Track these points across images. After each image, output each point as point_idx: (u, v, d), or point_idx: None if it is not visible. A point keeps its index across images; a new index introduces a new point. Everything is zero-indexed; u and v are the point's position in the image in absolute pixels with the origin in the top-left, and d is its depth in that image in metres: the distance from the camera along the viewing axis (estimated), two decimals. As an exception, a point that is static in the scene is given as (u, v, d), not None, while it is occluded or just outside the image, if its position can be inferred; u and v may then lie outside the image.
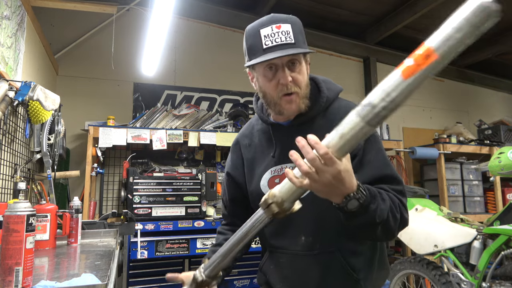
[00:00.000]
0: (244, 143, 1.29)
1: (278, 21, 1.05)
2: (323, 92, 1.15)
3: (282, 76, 1.04)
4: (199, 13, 4.33)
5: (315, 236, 1.12)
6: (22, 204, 0.99)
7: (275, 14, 1.08)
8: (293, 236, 1.15)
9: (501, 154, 2.61)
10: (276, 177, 1.17)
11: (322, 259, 1.11)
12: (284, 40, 1.03)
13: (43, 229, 1.66)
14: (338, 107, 1.15)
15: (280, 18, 1.06)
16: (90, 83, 3.86)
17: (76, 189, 3.61)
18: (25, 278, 0.95)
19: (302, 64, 1.08)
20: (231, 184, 1.31)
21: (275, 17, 1.07)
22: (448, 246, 2.59)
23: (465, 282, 2.47)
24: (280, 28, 1.04)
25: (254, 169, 1.23)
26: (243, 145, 1.28)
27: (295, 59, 1.05)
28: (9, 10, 2.21)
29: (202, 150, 3.95)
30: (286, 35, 1.03)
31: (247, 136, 1.29)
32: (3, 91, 1.89)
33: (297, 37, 1.04)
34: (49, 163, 2.44)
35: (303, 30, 1.09)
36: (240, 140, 1.31)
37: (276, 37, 1.03)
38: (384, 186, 1.03)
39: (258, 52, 1.05)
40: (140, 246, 2.88)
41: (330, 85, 1.19)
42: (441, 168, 4.43)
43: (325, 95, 1.15)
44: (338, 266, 1.10)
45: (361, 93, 5.26)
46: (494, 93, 6.56)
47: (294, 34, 1.04)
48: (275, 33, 1.04)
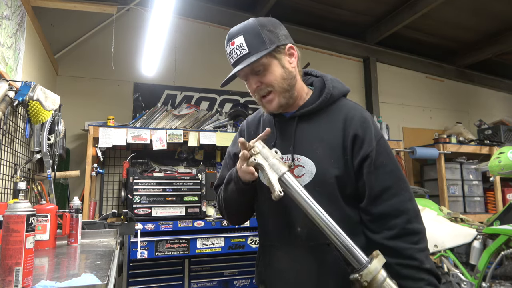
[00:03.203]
0: (249, 130, 1.32)
1: (231, 37, 1.12)
2: (328, 88, 1.17)
3: (249, 86, 1.16)
4: (199, 13, 4.33)
5: (310, 227, 1.11)
6: (22, 204, 0.99)
7: (231, 29, 1.14)
8: (288, 227, 1.15)
9: (501, 154, 2.61)
10: None
11: (317, 252, 1.11)
12: (240, 54, 1.10)
13: (43, 229, 1.66)
14: (343, 107, 1.17)
15: (232, 34, 1.12)
16: (90, 83, 3.86)
17: (76, 189, 3.61)
18: (25, 278, 0.95)
19: (267, 63, 1.10)
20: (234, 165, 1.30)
21: (230, 34, 1.13)
22: (448, 246, 2.59)
23: (465, 282, 2.47)
24: (234, 44, 1.11)
25: None
26: (248, 132, 1.32)
27: (255, 66, 1.10)
28: (9, 10, 2.21)
29: (202, 150, 3.96)
30: (239, 49, 1.10)
31: (253, 123, 1.32)
32: (3, 91, 1.89)
33: (250, 44, 1.09)
34: (49, 163, 2.44)
35: (260, 31, 1.10)
36: (245, 128, 1.34)
37: (233, 54, 1.12)
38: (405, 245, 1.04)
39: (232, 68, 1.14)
40: (140, 246, 2.88)
41: (336, 83, 1.21)
42: (441, 168, 4.43)
43: (329, 92, 1.16)
44: (333, 259, 1.09)
45: (361, 93, 5.27)
46: (494, 93, 6.56)
47: (247, 43, 1.09)
48: (232, 50, 1.12)
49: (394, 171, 1.09)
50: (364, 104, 5.22)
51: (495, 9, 4.56)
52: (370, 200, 1.09)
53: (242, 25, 1.12)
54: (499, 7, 4.52)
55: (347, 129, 1.11)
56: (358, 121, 1.12)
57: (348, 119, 1.13)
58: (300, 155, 1.14)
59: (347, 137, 1.11)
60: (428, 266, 1.03)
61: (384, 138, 1.14)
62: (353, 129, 1.11)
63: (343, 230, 1.02)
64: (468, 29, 5.11)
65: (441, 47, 5.65)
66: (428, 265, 1.03)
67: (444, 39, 5.42)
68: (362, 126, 1.11)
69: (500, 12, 4.65)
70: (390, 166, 1.09)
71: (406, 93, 5.58)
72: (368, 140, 1.09)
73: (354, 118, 1.13)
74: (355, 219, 1.13)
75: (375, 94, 5.17)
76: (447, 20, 4.83)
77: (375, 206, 1.08)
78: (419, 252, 1.04)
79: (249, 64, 1.07)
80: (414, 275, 1.02)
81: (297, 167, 1.14)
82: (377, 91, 5.21)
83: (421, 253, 1.04)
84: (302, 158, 1.14)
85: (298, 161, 1.14)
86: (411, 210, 1.07)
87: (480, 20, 4.85)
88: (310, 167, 1.11)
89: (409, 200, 1.08)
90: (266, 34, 1.11)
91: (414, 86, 5.68)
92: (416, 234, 1.06)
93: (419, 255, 1.03)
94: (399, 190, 1.08)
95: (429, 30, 5.10)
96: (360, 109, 1.18)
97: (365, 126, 1.11)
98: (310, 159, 1.12)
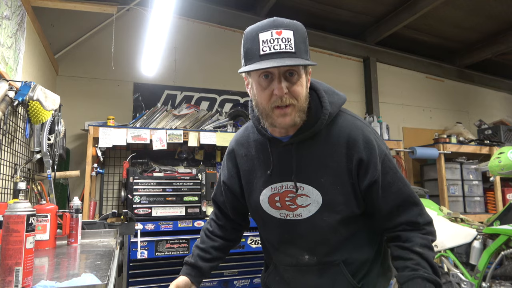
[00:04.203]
0: (240, 152, 1.22)
1: (279, 26, 0.96)
2: (325, 108, 1.06)
3: (277, 87, 0.97)
4: (199, 13, 4.33)
5: (318, 254, 1.12)
6: (22, 204, 0.99)
7: (278, 18, 0.99)
8: (295, 254, 1.15)
9: (501, 154, 2.61)
10: (276, 195, 1.13)
11: (327, 272, 1.12)
12: (284, 48, 0.95)
13: (43, 229, 1.66)
14: (343, 126, 1.08)
15: (282, 23, 0.97)
16: (90, 83, 3.86)
17: (76, 189, 3.61)
18: (25, 278, 0.95)
19: (302, 75, 1.00)
20: (227, 193, 1.28)
21: (277, 22, 0.98)
22: (448, 246, 2.59)
23: (465, 282, 2.47)
24: (280, 34, 0.95)
25: (252, 181, 1.19)
26: (239, 155, 1.22)
27: (294, 70, 0.98)
28: (9, 10, 2.21)
29: (202, 150, 3.95)
30: (286, 43, 0.95)
31: (243, 145, 1.22)
32: (3, 91, 1.89)
33: (298, 46, 0.96)
34: (49, 163, 2.44)
35: (306, 39, 1.02)
36: (235, 149, 1.24)
37: (275, 43, 0.95)
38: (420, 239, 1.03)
39: (254, 58, 0.97)
40: (140, 246, 2.88)
41: (333, 97, 1.10)
42: (441, 168, 4.43)
43: (327, 111, 1.05)
44: (342, 277, 1.11)
45: (361, 93, 5.27)
46: (494, 93, 6.56)
47: (296, 42, 0.96)
48: (274, 39, 0.95)
49: (401, 189, 1.06)
50: (364, 104, 5.23)
51: (495, 9, 4.56)
52: (382, 221, 1.09)
53: (291, 21, 1.00)
54: (499, 7, 4.52)
55: (350, 153, 1.05)
56: (362, 143, 1.05)
57: (351, 141, 1.05)
58: (304, 184, 1.08)
59: (351, 161, 1.05)
60: (420, 250, 1.01)
61: (388, 155, 1.09)
62: (357, 152, 1.04)
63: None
64: (468, 29, 5.11)
65: (441, 47, 5.65)
66: (420, 250, 1.01)
67: (444, 39, 5.42)
68: (366, 149, 1.05)
69: (500, 12, 4.65)
70: (397, 185, 1.06)
71: (406, 93, 5.58)
72: (374, 164, 1.04)
73: (357, 140, 1.05)
74: (365, 233, 1.15)
75: (375, 94, 5.17)
76: (447, 20, 4.83)
77: (387, 224, 1.09)
78: (430, 241, 1.05)
79: (297, 64, 0.95)
80: (404, 255, 1.02)
81: (301, 196, 1.08)
82: (377, 91, 5.21)
83: (431, 240, 1.05)
84: (306, 187, 1.08)
85: (301, 190, 1.08)
86: (421, 224, 1.06)
87: (480, 20, 4.85)
88: (316, 196, 1.07)
89: (419, 215, 1.06)
90: (307, 44, 1.02)
91: (414, 86, 5.68)
92: (430, 234, 1.06)
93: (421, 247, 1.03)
94: (409, 207, 1.07)
95: (429, 30, 5.10)
96: (361, 126, 1.09)
97: (369, 148, 1.05)
98: (315, 188, 1.07)
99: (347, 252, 1.11)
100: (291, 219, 1.11)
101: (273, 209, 1.14)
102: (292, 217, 1.11)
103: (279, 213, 1.13)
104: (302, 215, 1.09)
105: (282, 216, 1.13)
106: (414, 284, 0.96)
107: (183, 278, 1.20)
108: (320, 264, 1.12)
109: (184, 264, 1.25)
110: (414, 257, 1.00)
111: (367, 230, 1.15)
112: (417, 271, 0.98)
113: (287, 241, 1.15)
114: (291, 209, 1.10)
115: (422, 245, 1.02)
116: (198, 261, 1.24)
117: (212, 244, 1.28)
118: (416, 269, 0.98)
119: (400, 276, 1.01)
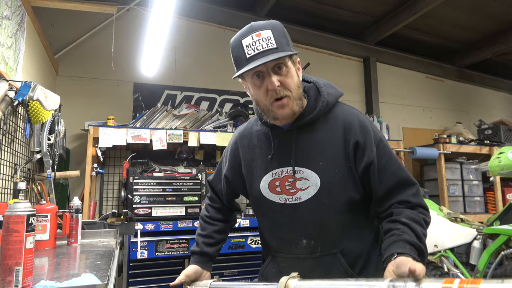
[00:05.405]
0: (243, 143, 1.28)
1: (257, 29, 1.06)
2: (323, 96, 1.15)
3: (269, 82, 1.05)
4: (199, 13, 4.33)
5: (316, 239, 1.13)
6: (22, 204, 0.99)
7: (254, 22, 1.08)
8: (294, 239, 1.16)
9: (501, 154, 2.61)
10: (276, 180, 1.17)
11: (324, 262, 1.13)
12: (266, 47, 1.03)
13: (43, 229, 1.66)
14: (339, 113, 1.16)
15: (259, 26, 1.07)
16: (90, 83, 3.86)
17: (76, 189, 3.61)
18: (25, 278, 0.95)
19: (290, 66, 1.08)
20: (227, 184, 1.33)
21: (254, 26, 1.07)
22: (448, 246, 2.59)
23: (465, 282, 2.47)
24: (260, 36, 1.04)
25: (253, 170, 1.23)
26: (242, 144, 1.28)
27: (281, 63, 1.05)
28: (9, 10, 2.21)
29: (202, 150, 3.96)
30: (267, 41, 1.04)
31: (246, 136, 1.28)
32: (3, 91, 1.89)
33: (279, 41, 1.04)
34: (49, 163, 2.44)
35: (286, 33, 1.09)
36: (238, 140, 1.30)
37: (257, 45, 1.04)
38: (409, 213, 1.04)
39: (242, 63, 1.06)
40: (140, 246, 2.88)
41: (330, 89, 1.19)
42: (441, 168, 4.43)
43: (325, 99, 1.14)
44: (340, 268, 1.11)
45: (361, 93, 5.27)
46: (494, 93, 6.56)
47: (276, 39, 1.04)
48: (255, 41, 1.04)
49: (396, 172, 1.10)
50: (364, 104, 5.23)
51: (495, 9, 4.57)
52: (377, 203, 1.12)
53: (267, 21, 1.09)
54: (499, 7, 4.52)
55: (347, 136, 1.11)
56: (358, 127, 1.12)
57: (347, 125, 1.12)
58: (303, 168, 1.13)
59: (348, 145, 1.11)
60: (407, 221, 1.01)
61: (382, 140, 1.14)
62: (353, 136, 1.10)
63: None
64: (468, 29, 5.11)
65: (441, 47, 5.65)
66: (408, 221, 1.01)
67: (444, 39, 5.43)
68: (361, 132, 1.11)
69: (500, 12, 4.65)
70: (392, 168, 1.10)
71: (406, 93, 5.58)
72: (369, 146, 1.10)
73: (353, 124, 1.12)
74: (363, 222, 1.17)
75: (375, 94, 5.17)
76: (447, 20, 4.83)
77: (381, 206, 1.11)
78: (425, 220, 1.05)
79: (280, 57, 1.02)
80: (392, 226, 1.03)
81: (300, 179, 1.13)
82: (377, 91, 5.21)
83: (426, 220, 1.05)
84: (305, 171, 1.13)
85: (300, 173, 1.13)
86: (414, 203, 1.07)
87: (480, 20, 4.85)
88: (315, 179, 1.11)
89: (413, 195, 1.08)
90: (289, 38, 1.10)
91: (414, 86, 5.68)
92: (422, 214, 1.06)
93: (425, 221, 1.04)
94: (403, 188, 1.09)
95: (429, 30, 5.10)
96: (357, 113, 1.17)
97: (365, 132, 1.11)
98: (313, 171, 1.12)
99: (345, 242, 1.13)
100: (290, 203, 1.14)
101: (273, 194, 1.17)
102: (291, 201, 1.14)
103: (279, 197, 1.16)
104: (302, 198, 1.13)
105: (282, 201, 1.16)
106: (395, 246, 0.95)
107: (192, 267, 1.23)
108: (317, 252, 1.13)
109: (192, 255, 1.29)
110: (400, 226, 1.00)
111: (366, 222, 1.17)
112: (401, 235, 0.97)
113: (286, 226, 1.17)
114: (291, 193, 1.14)
115: (410, 218, 1.02)
116: (204, 248, 1.27)
117: (213, 229, 1.32)
118: (400, 235, 0.98)
119: (384, 243, 1.01)
